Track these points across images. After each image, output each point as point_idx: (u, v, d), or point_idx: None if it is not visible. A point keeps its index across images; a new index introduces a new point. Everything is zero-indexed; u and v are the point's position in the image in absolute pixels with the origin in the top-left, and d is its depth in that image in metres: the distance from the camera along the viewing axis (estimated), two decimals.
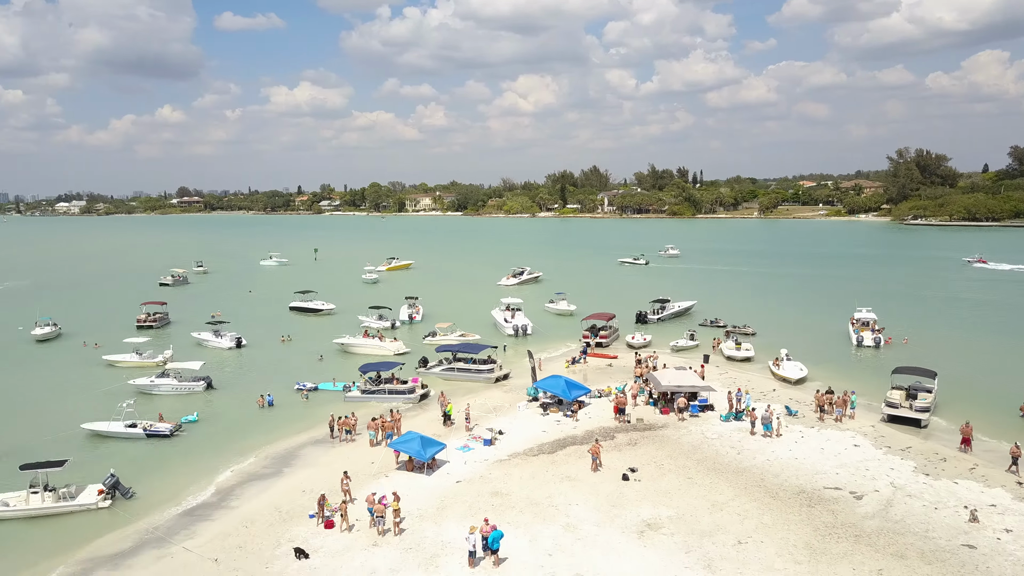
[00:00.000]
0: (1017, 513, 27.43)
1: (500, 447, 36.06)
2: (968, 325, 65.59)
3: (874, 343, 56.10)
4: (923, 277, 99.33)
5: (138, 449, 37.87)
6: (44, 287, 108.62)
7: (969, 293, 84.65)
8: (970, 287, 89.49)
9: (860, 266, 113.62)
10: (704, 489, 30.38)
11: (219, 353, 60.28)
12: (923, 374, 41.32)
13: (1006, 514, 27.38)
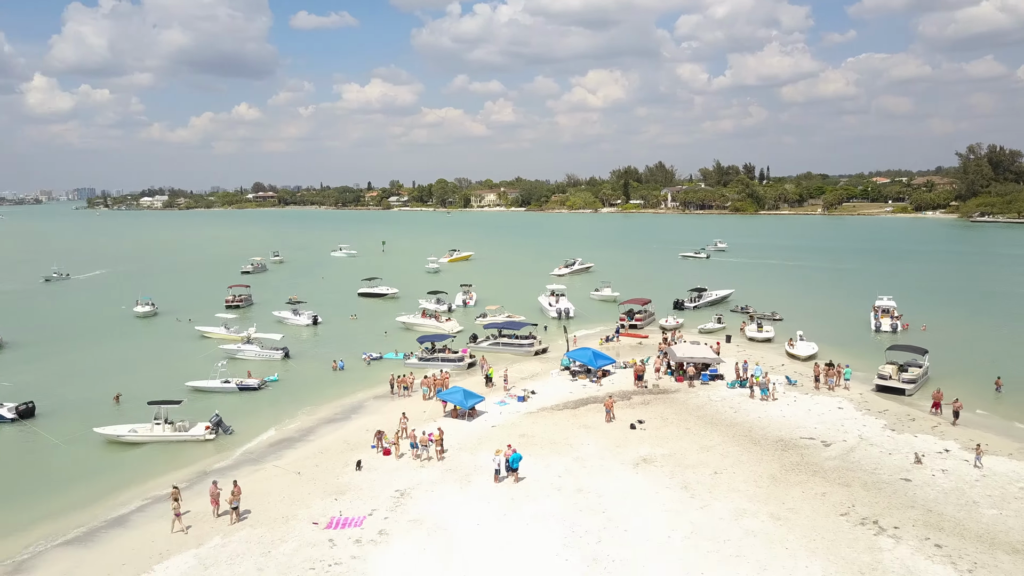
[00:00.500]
0: (958, 459, 32.36)
1: (531, 403, 42.49)
2: (994, 316, 68.52)
3: (891, 328, 60.24)
4: (968, 272, 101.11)
5: (233, 399, 45.68)
6: (139, 273, 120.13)
7: (1011, 288, 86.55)
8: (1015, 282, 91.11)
9: (906, 261, 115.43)
10: (697, 437, 36.16)
11: (297, 329, 68.46)
12: (915, 351, 45.89)
13: (948, 459, 32.34)
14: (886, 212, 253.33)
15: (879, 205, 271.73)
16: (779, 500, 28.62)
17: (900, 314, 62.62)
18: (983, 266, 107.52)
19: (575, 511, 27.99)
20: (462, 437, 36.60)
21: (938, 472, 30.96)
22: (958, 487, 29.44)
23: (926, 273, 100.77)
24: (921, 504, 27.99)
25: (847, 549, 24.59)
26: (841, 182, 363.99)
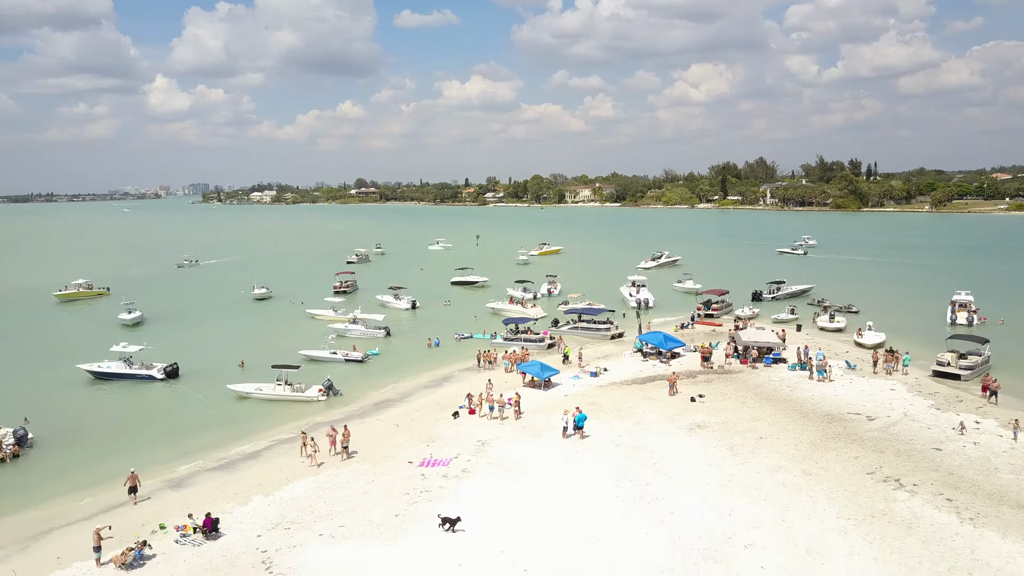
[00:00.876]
0: (992, 434, 34.84)
1: (603, 379, 46.99)
2: None
3: (967, 322, 61.14)
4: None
5: (340, 369, 52.09)
6: (255, 261, 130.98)
7: None
8: None
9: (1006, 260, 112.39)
10: (751, 409, 39.80)
11: (397, 312, 75.13)
12: (976, 340, 47.73)
13: (983, 434, 34.85)
14: (1000, 210, 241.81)
15: (993, 202, 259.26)
16: (814, 460, 32.17)
17: (977, 308, 63.30)
18: None
19: (629, 462, 32.44)
20: (537, 403, 41.53)
21: (970, 445, 33.63)
22: (984, 456, 32.16)
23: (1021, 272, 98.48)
24: (945, 468, 30.97)
25: (864, 499, 28.08)
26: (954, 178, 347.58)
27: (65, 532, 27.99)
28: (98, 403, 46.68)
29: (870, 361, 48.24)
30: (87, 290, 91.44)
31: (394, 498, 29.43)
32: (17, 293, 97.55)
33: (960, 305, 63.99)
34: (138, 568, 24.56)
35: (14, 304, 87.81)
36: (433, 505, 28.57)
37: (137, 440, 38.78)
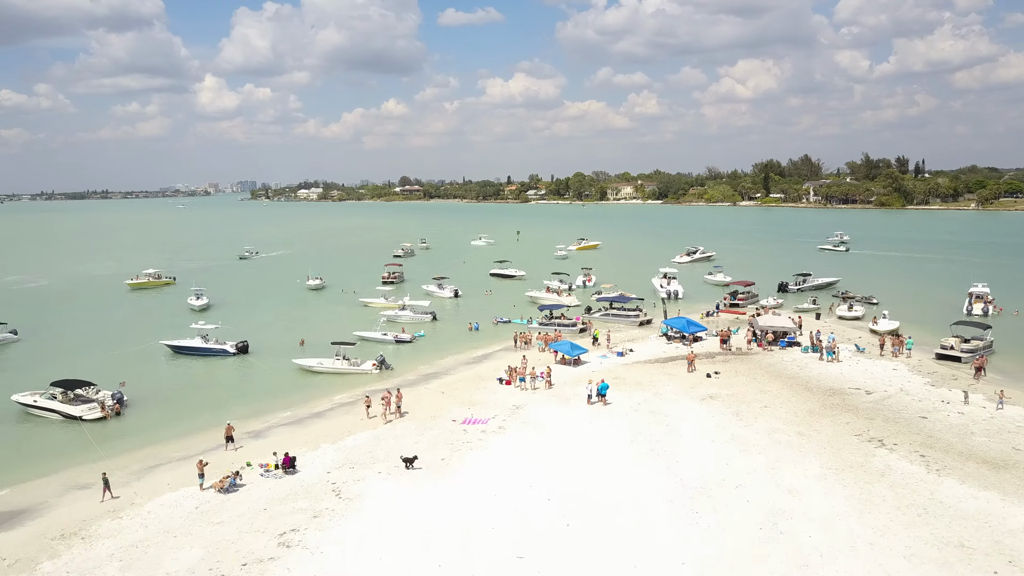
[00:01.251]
0: (976, 406, 38.57)
1: (628, 358, 51.56)
2: None
3: (982, 312, 64.06)
4: None
5: (390, 348, 57.49)
6: (309, 254, 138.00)
7: None
8: None
9: None
10: (760, 384, 44.02)
11: (442, 300, 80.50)
12: (979, 326, 51.10)
13: (970, 406, 38.61)
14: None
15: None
16: (809, 424, 36.40)
17: (992, 299, 66.14)
18: None
19: (644, 423, 37.05)
20: (567, 377, 46.31)
21: (954, 413, 37.48)
22: (964, 424, 36.01)
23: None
24: (926, 432, 34.94)
25: (847, 454, 32.29)
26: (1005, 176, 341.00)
27: (170, 468, 33.72)
28: (180, 373, 52.88)
29: (878, 345, 51.93)
30: (156, 279, 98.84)
31: (440, 447, 34.54)
32: (93, 282, 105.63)
33: (977, 296, 66.85)
34: (232, 492, 30.06)
35: (92, 292, 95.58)
36: (474, 453, 33.63)
37: (218, 402, 44.68)
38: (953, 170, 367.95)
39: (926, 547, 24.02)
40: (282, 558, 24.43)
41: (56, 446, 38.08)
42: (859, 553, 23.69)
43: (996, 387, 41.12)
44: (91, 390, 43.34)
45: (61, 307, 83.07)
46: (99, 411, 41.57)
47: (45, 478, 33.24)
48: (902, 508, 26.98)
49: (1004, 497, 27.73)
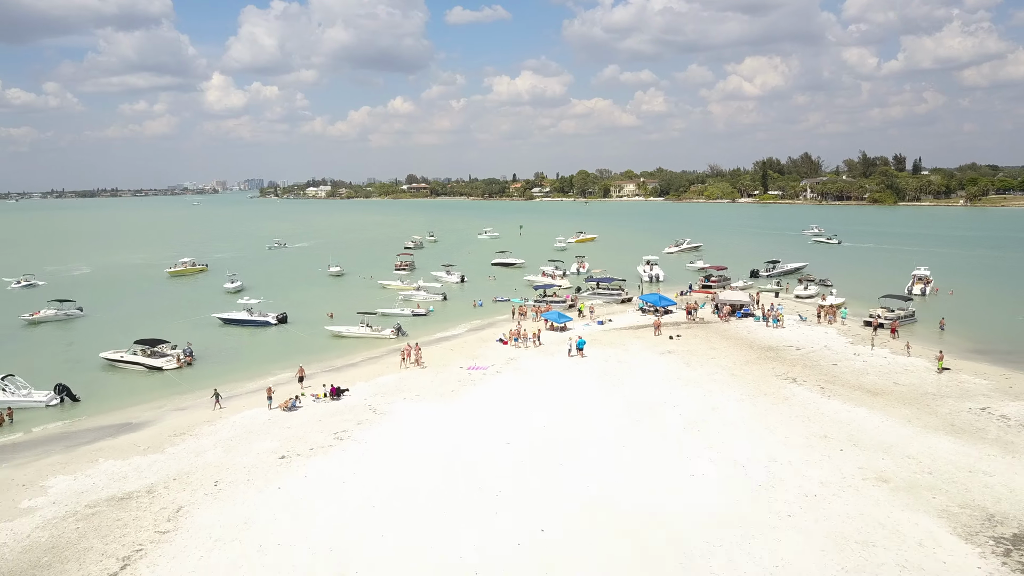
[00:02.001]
0: (879, 357, 48.19)
1: (607, 326, 61.28)
2: None
3: (921, 292, 73.50)
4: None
5: (407, 320, 67.27)
6: (328, 245, 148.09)
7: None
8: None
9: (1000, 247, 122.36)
10: (712, 343, 53.67)
11: (450, 284, 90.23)
12: (902, 299, 60.67)
13: (873, 358, 48.22)
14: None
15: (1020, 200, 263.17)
16: (742, 369, 46.07)
17: (931, 280, 75.59)
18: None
19: (611, 369, 46.78)
20: (554, 339, 56.05)
21: (859, 361, 47.14)
22: (864, 368, 45.66)
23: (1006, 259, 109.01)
24: (832, 374, 44.58)
25: (764, 387, 41.94)
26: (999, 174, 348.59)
27: (241, 398, 43.62)
28: (232, 338, 62.83)
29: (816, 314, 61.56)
30: (192, 267, 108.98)
31: (450, 384, 44.36)
32: (131, 270, 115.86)
33: (919, 278, 76.29)
34: (293, 411, 39.91)
35: (135, 278, 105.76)
36: (476, 387, 43.43)
37: (269, 357, 54.60)
38: (953, 168, 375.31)
39: (799, 437, 33.68)
40: (336, 445, 34.27)
41: (146, 387, 48.06)
42: (751, 440, 33.35)
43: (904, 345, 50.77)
44: (166, 346, 53.30)
45: (111, 290, 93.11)
46: (175, 362, 51.56)
47: (148, 404, 43.31)
48: (792, 417, 36.63)
49: (870, 411, 37.33)
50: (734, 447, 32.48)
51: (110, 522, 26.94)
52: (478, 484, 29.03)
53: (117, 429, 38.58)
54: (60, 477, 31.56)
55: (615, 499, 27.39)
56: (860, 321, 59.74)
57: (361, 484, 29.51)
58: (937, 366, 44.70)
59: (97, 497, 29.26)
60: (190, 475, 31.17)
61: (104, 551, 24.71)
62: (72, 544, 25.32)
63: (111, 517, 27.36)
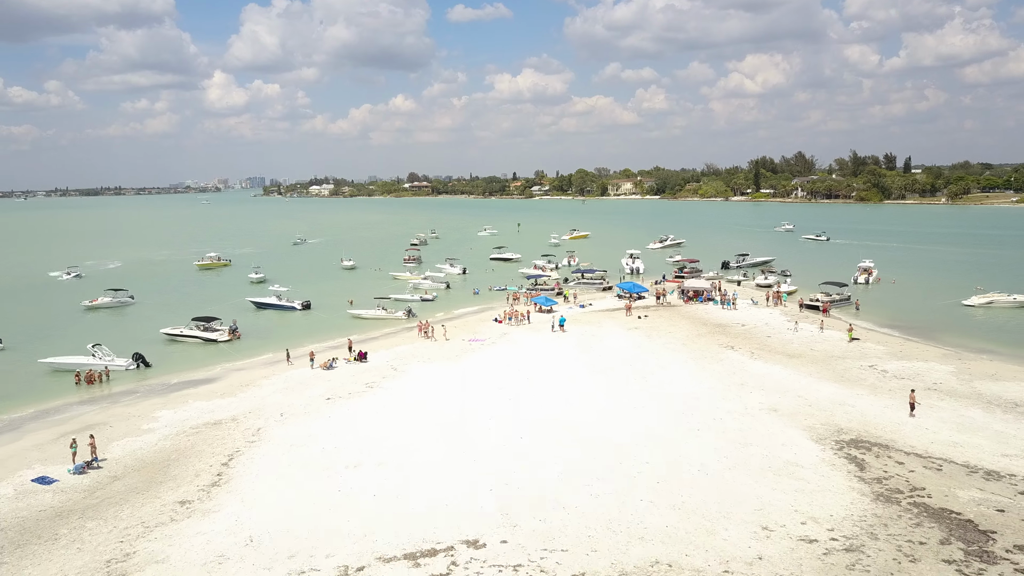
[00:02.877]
0: (809, 332, 58.62)
1: (587, 309, 71.76)
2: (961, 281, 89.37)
3: (864, 281, 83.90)
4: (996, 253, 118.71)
5: (416, 304, 77.62)
6: (337, 243, 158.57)
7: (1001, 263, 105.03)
8: None
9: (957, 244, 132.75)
10: (672, 322, 64.13)
11: (453, 276, 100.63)
12: (838, 285, 71.07)
13: (801, 331, 58.69)
14: (1011, 202, 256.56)
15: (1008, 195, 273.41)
16: (692, 340, 56.54)
17: (874, 270, 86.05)
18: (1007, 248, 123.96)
19: (585, 341, 57.24)
20: (542, 319, 66.50)
21: (789, 334, 57.62)
22: (791, 339, 56.12)
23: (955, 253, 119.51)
24: (764, 343, 55.03)
25: (707, 352, 52.39)
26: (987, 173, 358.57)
27: (285, 363, 54.08)
28: (265, 319, 73.23)
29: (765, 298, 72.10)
30: (217, 261, 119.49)
31: (455, 351, 54.87)
32: (160, 265, 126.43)
33: (863, 269, 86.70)
34: (331, 370, 50.35)
35: (166, 271, 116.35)
36: (475, 354, 53.90)
37: (302, 333, 64.99)
38: (947, 165, 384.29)
39: (721, 385, 44.09)
40: (368, 392, 44.73)
41: (205, 355, 58.53)
42: (683, 386, 43.76)
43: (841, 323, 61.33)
44: (218, 323, 63.79)
45: (148, 282, 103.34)
46: (226, 336, 62.09)
47: (211, 367, 53.88)
48: (721, 372, 47.10)
49: (784, 368, 47.81)
50: (669, 391, 42.96)
51: (211, 437, 37.46)
52: (476, 413, 39.55)
53: (195, 383, 49.13)
54: (164, 411, 42.11)
55: (573, 422, 37.85)
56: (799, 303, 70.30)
57: (389, 414, 40.03)
58: (848, 336, 55.19)
59: (196, 423, 39.78)
60: (261, 410, 41.69)
61: (212, 452, 35.23)
62: (188, 448, 35.84)
63: (210, 434, 37.88)
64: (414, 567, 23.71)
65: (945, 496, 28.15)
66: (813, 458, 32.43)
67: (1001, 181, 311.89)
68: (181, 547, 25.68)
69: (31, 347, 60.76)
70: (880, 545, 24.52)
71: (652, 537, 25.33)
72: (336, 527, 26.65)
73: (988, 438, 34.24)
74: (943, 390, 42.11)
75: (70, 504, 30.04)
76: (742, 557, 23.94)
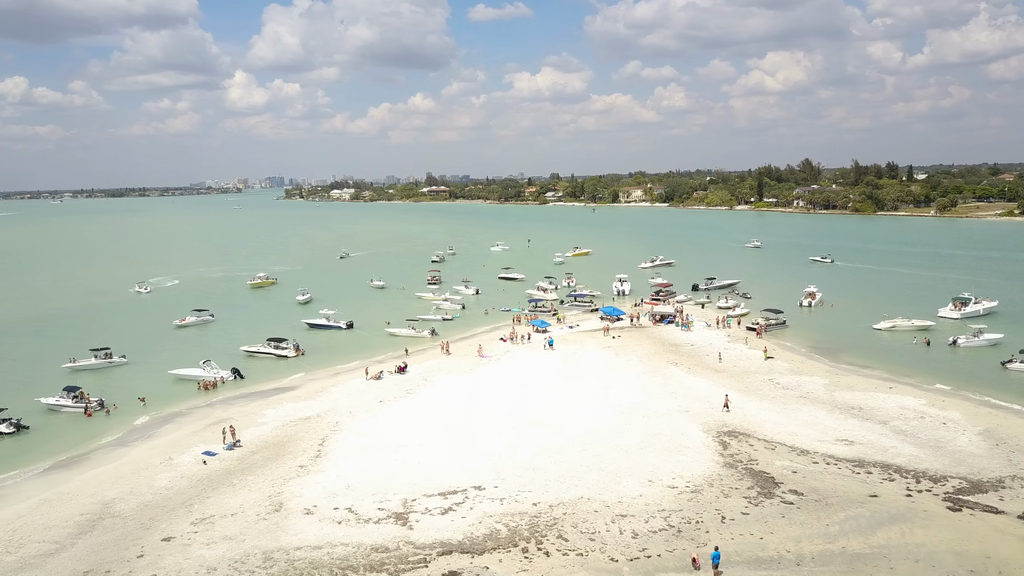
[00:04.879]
0: (736, 350, 76.65)
1: (575, 329, 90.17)
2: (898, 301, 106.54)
3: (808, 304, 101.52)
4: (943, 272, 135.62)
5: (439, 324, 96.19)
6: (369, 259, 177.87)
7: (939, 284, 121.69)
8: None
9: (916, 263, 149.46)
10: (638, 341, 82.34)
11: (468, 296, 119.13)
12: (776, 311, 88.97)
13: (732, 350, 76.72)
14: (995, 215, 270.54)
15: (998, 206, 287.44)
16: (649, 358, 74.75)
17: (817, 295, 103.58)
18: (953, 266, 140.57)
19: (568, 358, 75.60)
20: (537, 339, 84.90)
21: (724, 353, 75.65)
22: (723, 358, 74.13)
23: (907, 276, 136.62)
24: (701, 361, 73.11)
25: (656, 368, 70.63)
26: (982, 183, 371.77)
27: (345, 374, 72.82)
28: (318, 338, 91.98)
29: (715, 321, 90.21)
30: (267, 280, 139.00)
31: (469, 365, 73.50)
32: (216, 282, 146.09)
33: (808, 293, 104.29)
34: (379, 380, 69.05)
35: (224, 290, 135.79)
36: (486, 368, 72.44)
37: (350, 350, 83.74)
38: (955, 169, 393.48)
39: (658, 392, 62.29)
40: (407, 396, 63.42)
41: (279, 368, 77.37)
42: (631, 393, 62.00)
43: (768, 343, 79.31)
44: (286, 342, 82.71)
45: (210, 301, 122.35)
46: (293, 352, 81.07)
47: (288, 378, 72.78)
48: (661, 383, 65.31)
49: (707, 380, 65.95)
50: (620, 398, 61.27)
51: (305, 427, 56.29)
52: (483, 412, 58.14)
53: (282, 390, 68.08)
54: (268, 410, 61.04)
55: (548, 419, 56.29)
56: (744, 327, 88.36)
57: (423, 412, 58.71)
58: (764, 356, 73.25)
59: (293, 418, 58.65)
60: (335, 410, 60.51)
61: (310, 437, 54.03)
62: (292, 435, 54.67)
63: (305, 425, 56.72)
64: (443, 499, 42.33)
65: (766, 464, 46.42)
66: (697, 443, 50.71)
67: (996, 191, 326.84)
68: (308, 489, 44.48)
69: (150, 361, 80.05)
70: (713, 489, 42.87)
71: (582, 485, 43.82)
72: (397, 479, 45.38)
73: (817, 430, 52.43)
74: (810, 398, 60.26)
75: (231, 467, 48.94)
76: (631, 495, 42.33)
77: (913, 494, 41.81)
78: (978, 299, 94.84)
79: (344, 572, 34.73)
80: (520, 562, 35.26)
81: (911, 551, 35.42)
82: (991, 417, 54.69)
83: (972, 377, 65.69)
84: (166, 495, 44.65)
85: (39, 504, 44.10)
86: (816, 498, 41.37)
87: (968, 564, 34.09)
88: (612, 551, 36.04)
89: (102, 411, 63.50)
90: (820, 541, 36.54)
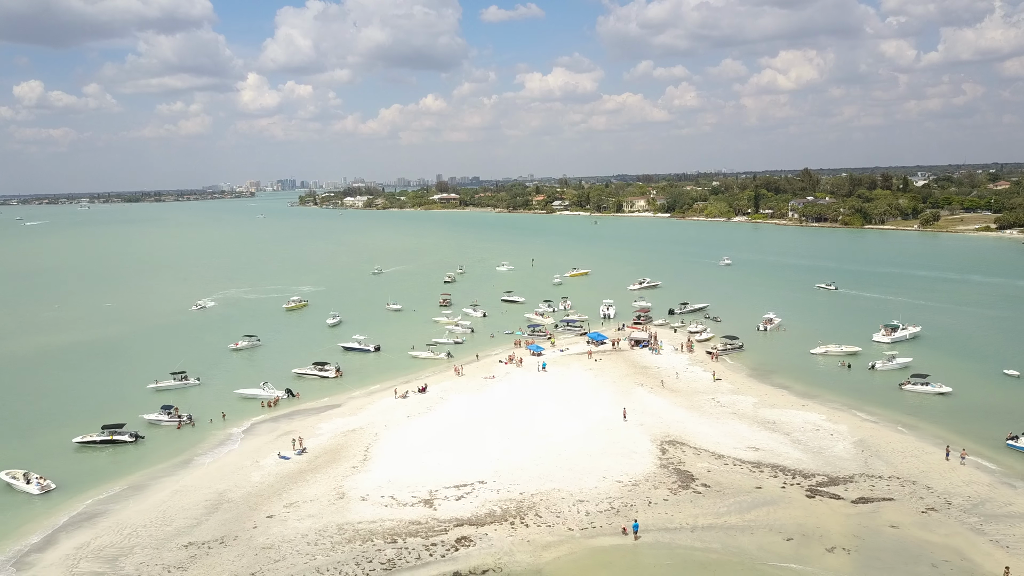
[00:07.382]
0: (695, 374, 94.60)
1: (565, 352, 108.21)
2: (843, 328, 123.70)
3: (765, 329, 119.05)
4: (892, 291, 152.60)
5: (453, 347, 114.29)
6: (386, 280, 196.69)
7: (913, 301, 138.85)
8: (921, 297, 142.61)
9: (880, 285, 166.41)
10: (615, 364, 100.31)
11: (476, 319, 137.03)
12: (731, 338, 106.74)
13: (690, 373, 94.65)
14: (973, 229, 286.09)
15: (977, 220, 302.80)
16: (621, 379, 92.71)
17: (774, 320, 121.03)
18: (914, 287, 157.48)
19: (556, 379, 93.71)
20: (532, 361, 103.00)
21: (683, 375, 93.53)
22: (681, 379, 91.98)
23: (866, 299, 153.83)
24: (670, 383, 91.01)
25: (625, 388, 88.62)
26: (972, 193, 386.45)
27: (378, 393, 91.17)
28: (351, 360, 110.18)
29: (682, 345, 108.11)
30: (299, 303, 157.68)
31: (477, 385, 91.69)
32: (252, 304, 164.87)
33: (767, 319, 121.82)
34: (405, 399, 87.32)
35: (262, 312, 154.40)
36: (491, 388, 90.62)
37: (380, 371, 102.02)
38: (952, 171, 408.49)
39: (630, 407, 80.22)
40: (428, 412, 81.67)
41: (323, 387, 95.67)
42: (602, 410, 79.91)
43: (720, 366, 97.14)
44: (329, 364, 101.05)
45: (255, 325, 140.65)
46: (334, 374, 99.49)
47: (333, 396, 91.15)
48: (626, 401, 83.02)
49: (663, 399, 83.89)
50: (593, 414, 79.27)
51: (353, 437, 74.63)
52: (486, 424, 76.32)
53: (331, 407, 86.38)
54: (322, 424, 79.42)
55: (535, 430, 74.41)
56: (703, 351, 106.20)
57: (441, 425, 76.94)
58: (713, 378, 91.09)
59: (343, 430, 77.00)
60: (373, 423, 78.82)
61: (356, 446, 72.36)
62: (342, 444, 73.01)
63: (352, 436, 75.05)
64: (457, 490, 60.62)
65: (691, 465, 64.44)
66: (644, 449, 68.78)
67: (983, 202, 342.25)
68: (361, 483, 62.82)
69: (214, 382, 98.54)
70: (647, 483, 60.96)
71: (554, 479, 62.00)
72: (424, 475, 63.68)
73: (735, 440, 70.35)
74: (739, 414, 78.15)
75: (302, 468, 67.32)
76: (589, 487, 60.45)
77: (786, 486, 59.79)
78: (905, 325, 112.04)
79: (392, 536, 53.05)
80: (508, 530, 53.50)
81: (769, 524, 53.46)
82: (869, 429, 72.53)
83: (870, 396, 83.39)
84: (260, 487, 63.09)
85: (172, 494, 62.63)
86: (718, 489, 59.39)
87: (802, 531, 52.13)
88: (570, 523, 54.25)
89: (189, 424, 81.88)
90: (711, 517, 54.62)
